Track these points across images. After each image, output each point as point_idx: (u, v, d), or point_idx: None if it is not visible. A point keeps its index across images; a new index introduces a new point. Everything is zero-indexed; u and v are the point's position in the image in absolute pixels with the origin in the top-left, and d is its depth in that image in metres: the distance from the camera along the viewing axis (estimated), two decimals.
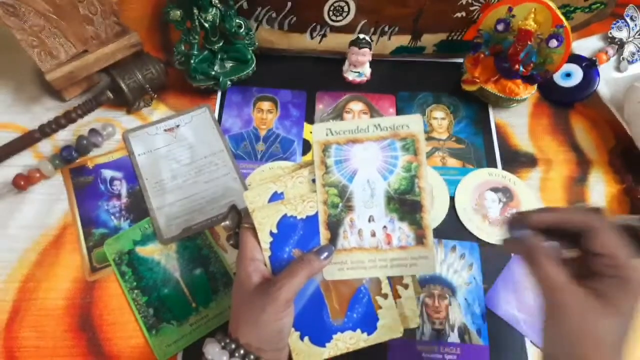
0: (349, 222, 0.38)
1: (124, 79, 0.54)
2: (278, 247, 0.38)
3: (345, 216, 0.38)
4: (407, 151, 0.38)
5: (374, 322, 0.39)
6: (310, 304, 0.38)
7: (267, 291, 0.34)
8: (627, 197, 0.55)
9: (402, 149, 0.38)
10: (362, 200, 0.38)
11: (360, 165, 0.39)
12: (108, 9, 0.54)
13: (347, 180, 0.38)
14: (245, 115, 0.59)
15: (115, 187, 0.53)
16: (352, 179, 0.38)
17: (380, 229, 0.38)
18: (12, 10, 0.48)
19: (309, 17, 0.58)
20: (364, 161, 0.39)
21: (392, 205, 0.38)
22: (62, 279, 0.48)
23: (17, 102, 0.58)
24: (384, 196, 0.38)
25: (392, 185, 0.38)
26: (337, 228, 0.38)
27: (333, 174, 0.38)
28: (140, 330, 0.46)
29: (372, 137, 0.39)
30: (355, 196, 0.38)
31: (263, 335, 0.34)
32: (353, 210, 0.38)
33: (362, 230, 0.38)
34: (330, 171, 0.38)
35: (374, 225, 0.38)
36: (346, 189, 0.38)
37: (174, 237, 0.50)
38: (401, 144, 0.39)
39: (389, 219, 0.38)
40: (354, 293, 0.39)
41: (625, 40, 0.63)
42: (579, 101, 0.61)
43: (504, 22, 0.54)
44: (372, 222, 0.38)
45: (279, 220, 0.38)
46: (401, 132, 0.39)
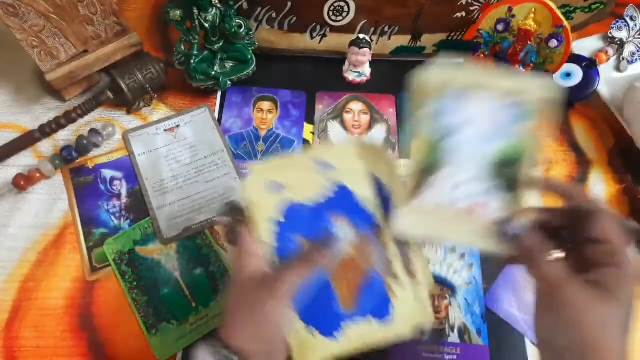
0: (443, 176, 0.34)
1: (124, 79, 0.55)
2: (285, 236, 0.36)
3: (439, 168, 0.34)
4: (526, 118, 0.34)
5: (387, 308, 0.35)
6: (317, 293, 0.35)
7: (267, 285, 0.33)
8: (627, 196, 0.55)
9: (523, 115, 0.34)
10: (465, 157, 0.34)
11: (472, 120, 0.34)
12: (108, 9, 0.54)
13: (451, 130, 0.34)
14: (246, 115, 0.59)
15: (115, 187, 0.53)
16: (459, 131, 0.34)
17: (477, 194, 0.34)
18: (13, 10, 0.48)
19: (309, 17, 0.58)
20: (478, 116, 0.34)
21: (497, 172, 0.34)
22: (62, 278, 0.48)
23: (18, 102, 0.58)
24: (490, 160, 0.34)
25: (503, 150, 0.34)
26: (426, 178, 0.34)
27: (438, 116, 0.34)
28: (140, 330, 0.46)
29: (496, 90, 0.34)
30: (459, 151, 0.34)
31: (262, 332, 0.33)
32: (451, 165, 0.34)
33: (456, 188, 0.34)
34: (436, 112, 0.34)
35: (470, 187, 0.34)
36: (450, 136, 0.34)
37: (174, 237, 0.50)
38: (522, 109, 0.34)
39: (490, 185, 0.34)
40: (364, 279, 0.36)
41: (625, 40, 0.63)
42: (579, 101, 0.61)
43: (504, 22, 0.54)
44: (470, 183, 0.34)
45: (285, 208, 0.36)
46: (529, 95, 0.34)
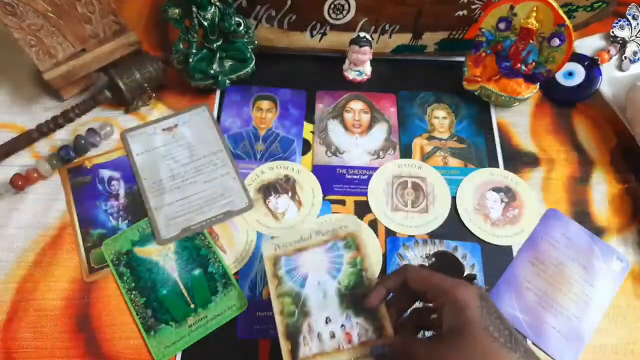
0: (307, 327, 0.39)
1: (122, 78, 0.54)
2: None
3: (302, 322, 0.39)
4: (349, 248, 0.41)
5: None
6: None
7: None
8: (629, 196, 0.55)
9: (345, 247, 0.41)
10: (316, 303, 0.40)
11: (310, 270, 0.41)
12: (106, 7, 0.54)
13: (299, 286, 0.40)
14: (245, 115, 0.59)
15: (113, 187, 0.53)
16: (304, 284, 0.40)
17: (339, 329, 0.39)
18: (11, 9, 0.48)
19: (308, 15, 0.58)
20: (313, 265, 0.41)
21: (345, 303, 0.40)
22: (60, 279, 0.47)
23: (15, 101, 0.58)
24: (336, 295, 0.40)
25: (342, 282, 0.40)
26: (296, 336, 0.39)
27: (285, 283, 0.40)
28: (138, 331, 0.45)
29: (315, 242, 0.42)
30: (309, 300, 0.40)
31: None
32: (309, 315, 0.39)
33: (321, 334, 0.39)
34: (283, 281, 0.40)
35: (331, 326, 0.39)
36: (300, 295, 0.40)
37: (172, 238, 0.50)
38: (343, 243, 0.42)
39: (345, 316, 0.39)
40: None
41: (627, 39, 0.62)
42: (581, 100, 0.61)
43: (506, 21, 0.54)
44: (330, 323, 0.39)
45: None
46: (340, 232, 0.42)
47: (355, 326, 0.39)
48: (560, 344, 0.46)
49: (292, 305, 0.39)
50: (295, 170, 0.55)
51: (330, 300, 0.40)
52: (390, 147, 0.57)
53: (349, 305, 0.39)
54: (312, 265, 0.41)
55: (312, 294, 0.40)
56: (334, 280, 0.40)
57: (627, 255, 0.51)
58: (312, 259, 0.41)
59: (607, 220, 0.53)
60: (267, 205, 0.52)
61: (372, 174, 0.55)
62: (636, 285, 0.50)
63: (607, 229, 0.53)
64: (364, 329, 0.39)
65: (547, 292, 0.48)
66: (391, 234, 0.51)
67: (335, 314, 0.39)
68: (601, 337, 0.47)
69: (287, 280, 0.40)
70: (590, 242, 0.51)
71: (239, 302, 0.47)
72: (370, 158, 0.56)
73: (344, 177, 0.55)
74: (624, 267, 0.50)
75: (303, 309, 0.39)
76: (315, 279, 0.40)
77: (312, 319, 0.39)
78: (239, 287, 0.48)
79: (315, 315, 0.39)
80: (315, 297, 0.40)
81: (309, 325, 0.39)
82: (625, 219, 0.53)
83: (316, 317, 0.39)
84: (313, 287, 0.40)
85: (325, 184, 0.54)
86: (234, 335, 0.46)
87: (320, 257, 0.41)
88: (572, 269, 0.50)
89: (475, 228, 0.52)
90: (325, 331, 0.39)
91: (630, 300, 0.49)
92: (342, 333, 0.39)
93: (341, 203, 0.53)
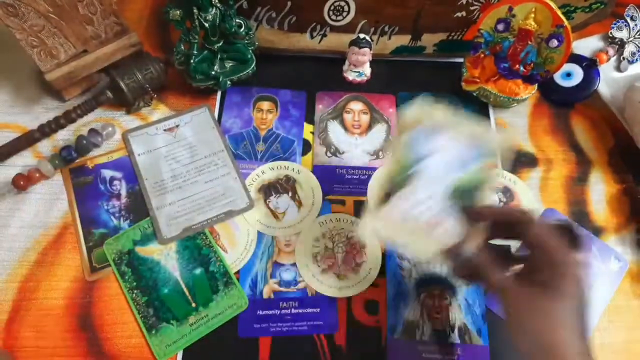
0: (409, 190, 0.38)
1: (124, 78, 0.54)
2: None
3: (408, 183, 0.38)
4: (485, 157, 0.39)
5: None
6: None
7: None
8: (627, 196, 0.55)
9: (482, 154, 0.39)
10: (430, 177, 0.38)
11: (440, 150, 0.39)
12: (108, 8, 0.54)
13: (421, 156, 0.39)
14: (245, 115, 0.59)
15: (115, 187, 0.53)
16: (427, 157, 0.39)
17: (433, 212, 0.38)
18: (12, 10, 0.48)
19: (309, 17, 0.58)
20: (446, 149, 0.39)
21: (454, 196, 0.38)
22: (62, 278, 0.48)
23: (17, 102, 0.58)
24: (449, 185, 0.38)
25: (464, 179, 0.39)
26: (395, 190, 0.38)
27: (412, 146, 0.39)
28: (140, 330, 0.46)
29: (460, 131, 0.40)
30: (424, 173, 0.38)
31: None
32: (415, 183, 0.38)
33: (416, 204, 0.38)
34: (409, 143, 0.39)
35: (428, 204, 0.38)
36: (417, 162, 0.39)
37: (173, 237, 0.50)
38: (482, 150, 0.39)
39: (446, 206, 0.38)
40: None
41: (625, 40, 0.63)
42: (579, 101, 0.61)
43: (504, 22, 0.54)
44: (429, 201, 0.38)
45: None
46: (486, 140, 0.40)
47: (449, 219, 0.38)
48: None
49: (407, 164, 0.39)
50: (295, 170, 0.55)
51: (443, 184, 0.38)
52: (390, 147, 0.57)
53: (456, 200, 0.38)
54: (445, 149, 0.39)
55: (431, 169, 0.38)
56: (457, 171, 0.39)
57: (625, 254, 0.51)
58: (448, 144, 0.39)
59: (605, 220, 0.54)
60: (267, 205, 0.53)
61: (371, 174, 0.55)
62: (634, 285, 0.50)
63: (605, 228, 0.53)
64: (455, 227, 0.38)
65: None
66: None
67: (438, 197, 0.38)
68: (599, 336, 0.47)
69: (415, 145, 0.39)
70: (588, 241, 0.52)
71: (239, 301, 0.47)
72: (369, 158, 0.57)
73: (343, 177, 0.55)
74: (622, 267, 0.50)
75: (413, 174, 0.38)
76: (441, 159, 0.39)
77: (416, 188, 0.38)
78: (240, 286, 0.48)
79: (421, 186, 0.38)
80: (431, 173, 0.38)
81: (410, 190, 0.38)
82: (623, 218, 0.54)
83: (421, 189, 0.38)
84: (435, 164, 0.39)
85: (325, 184, 0.54)
86: (235, 334, 0.46)
87: (458, 147, 0.39)
88: None
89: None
90: (421, 204, 0.38)
91: (628, 299, 0.49)
92: (433, 216, 0.38)
93: (341, 203, 0.53)
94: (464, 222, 0.38)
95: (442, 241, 0.38)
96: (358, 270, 0.49)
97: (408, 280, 0.49)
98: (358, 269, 0.49)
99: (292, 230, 0.51)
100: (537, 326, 0.32)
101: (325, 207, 0.53)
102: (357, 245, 0.51)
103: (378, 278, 0.49)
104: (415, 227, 0.38)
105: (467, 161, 0.39)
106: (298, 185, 0.54)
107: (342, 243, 0.51)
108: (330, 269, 0.49)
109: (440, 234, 0.38)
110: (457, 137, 0.40)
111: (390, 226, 0.39)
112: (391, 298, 0.48)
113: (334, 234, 0.51)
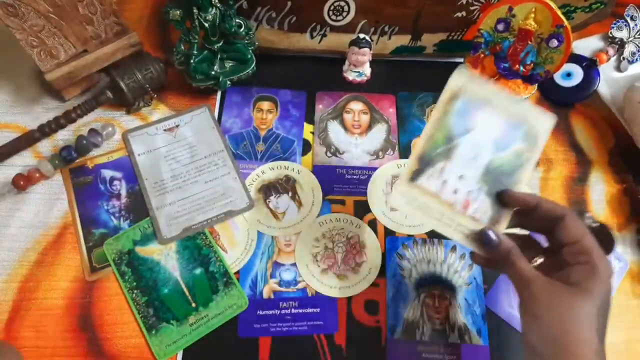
0: (441, 167, 0.39)
1: (124, 78, 0.54)
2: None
3: (440, 160, 0.39)
4: (526, 141, 0.39)
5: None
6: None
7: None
8: (627, 197, 0.55)
9: (523, 137, 0.39)
10: (463, 156, 0.39)
11: (479, 127, 0.39)
12: (108, 8, 0.54)
13: (459, 131, 0.39)
14: (245, 115, 0.59)
15: (115, 187, 0.53)
16: (465, 134, 0.39)
17: (465, 191, 0.38)
18: (12, 10, 0.48)
19: (309, 17, 0.58)
20: (486, 125, 0.39)
21: (488, 177, 0.38)
22: (61, 278, 0.48)
23: (17, 102, 0.58)
24: (484, 165, 0.39)
25: (497, 160, 0.39)
26: (426, 166, 0.39)
27: (450, 119, 0.39)
28: (140, 330, 0.46)
29: (503, 110, 0.39)
30: (459, 148, 0.39)
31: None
32: (450, 160, 0.39)
33: (447, 182, 0.38)
34: (448, 115, 0.39)
35: (461, 184, 0.38)
36: (454, 138, 0.39)
37: (173, 237, 0.50)
38: (524, 133, 0.39)
39: (478, 187, 0.38)
40: None
41: (625, 40, 0.63)
42: (579, 101, 0.61)
43: (504, 22, 0.54)
44: (461, 180, 0.38)
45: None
46: (532, 123, 0.39)
47: (479, 200, 0.38)
48: None
49: (443, 139, 0.39)
50: (295, 170, 0.55)
51: (477, 164, 0.38)
52: (390, 148, 0.57)
53: (489, 182, 0.38)
54: (485, 125, 0.39)
55: (466, 147, 0.39)
56: (494, 152, 0.39)
57: (625, 254, 0.51)
58: (489, 120, 0.39)
59: (605, 220, 0.54)
60: (267, 205, 0.53)
61: (371, 174, 0.55)
62: (634, 284, 0.50)
63: None
64: (484, 209, 0.38)
65: None
66: (390, 233, 0.52)
67: (471, 178, 0.38)
68: None
69: (453, 118, 0.39)
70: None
71: (239, 301, 0.47)
72: (369, 158, 0.57)
73: (343, 177, 0.55)
74: (622, 267, 0.50)
75: (449, 151, 0.39)
76: (478, 137, 0.39)
77: (449, 165, 0.39)
78: (239, 286, 0.48)
79: (454, 164, 0.39)
80: (466, 151, 0.39)
81: (443, 167, 0.39)
82: (624, 218, 0.54)
83: (454, 167, 0.39)
84: (472, 142, 0.39)
85: (325, 184, 0.54)
86: (235, 334, 0.46)
87: (498, 124, 0.39)
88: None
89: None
90: (452, 183, 0.38)
91: (628, 299, 0.49)
92: (464, 196, 0.38)
93: (341, 203, 0.53)
94: (495, 204, 0.38)
95: (472, 221, 0.38)
96: (358, 270, 0.49)
97: (408, 280, 0.49)
98: (358, 269, 0.49)
99: (292, 230, 0.51)
100: (558, 321, 0.32)
101: (325, 207, 0.53)
102: (357, 245, 0.51)
103: (378, 278, 0.49)
104: (448, 202, 0.38)
105: (506, 142, 0.39)
106: (298, 185, 0.54)
107: (342, 243, 0.51)
108: (330, 269, 0.49)
109: (471, 212, 0.38)
110: (499, 116, 0.39)
111: (424, 197, 0.39)
112: (391, 298, 0.48)
113: (334, 234, 0.51)
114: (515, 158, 0.39)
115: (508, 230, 0.39)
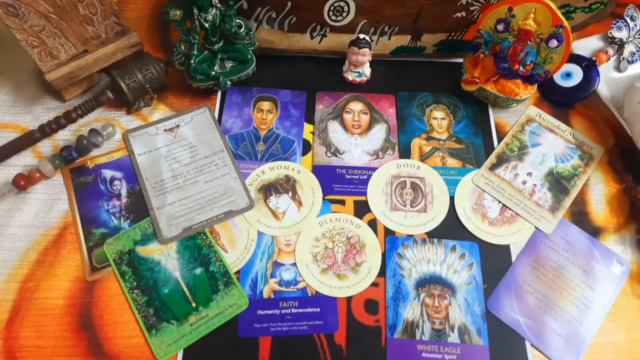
0: (514, 164, 0.55)
1: (124, 79, 0.55)
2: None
3: (513, 160, 0.56)
4: (581, 159, 0.56)
5: None
6: None
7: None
8: (627, 197, 0.55)
9: (578, 157, 0.56)
10: (532, 160, 0.56)
11: (545, 144, 0.57)
12: (108, 9, 0.54)
13: (531, 145, 0.57)
14: (246, 115, 0.59)
15: (115, 187, 0.53)
16: (535, 146, 0.57)
17: (531, 184, 0.54)
18: (13, 10, 0.48)
19: (309, 17, 0.58)
20: (549, 143, 0.57)
21: (549, 177, 0.55)
22: (62, 278, 0.48)
23: (18, 102, 0.58)
24: (547, 168, 0.55)
25: (558, 168, 0.55)
26: (503, 161, 0.55)
27: (525, 134, 0.58)
28: (140, 330, 0.46)
29: (564, 136, 0.58)
30: (529, 155, 0.56)
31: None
32: (522, 161, 0.55)
33: (518, 175, 0.54)
34: (525, 132, 0.58)
35: (529, 178, 0.54)
36: (526, 148, 0.56)
37: (174, 237, 0.50)
38: (579, 153, 0.56)
39: (542, 182, 0.54)
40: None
41: (625, 40, 0.63)
42: (579, 101, 0.61)
43: (504, 22, 0.54)
44: (529, 176, 0.54)
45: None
46: (585, 148, 0.57)
47: (542, 192, 0.53)
48: (562, 347, 0.46)
49: (517, 146, 0.56)
50: (295, 170, 0.55)
51: (542, 167, 0.55)
52: (390, 148, 0.58)
53: (549, 180, 0.54)
54: (549, 143, 0.57)
55: (533, 155, 0.56)
56: (554, 162, 0.55)
57: (625, 254, 0.51)
58: (553, 141, 0.57)
59: (605, 220, 0.54)
60: (267, 205, 0.53)
61: (371, 174, 0.55)
62: (634, 285, 0.50)
63: (605, 228, 0.53)
64: (546, 199, 0.53)
65: (548, 296, 0.49)
66: (390, 233, 0.52)
67: (537, 175, 0.54)
68: (600, 336, 0.47)
69: (527, 134, 0.57)
70: (590, 245, 0.51)
71: (240, 300, 0.47)
72: (369, 158, 0.57)
73: (343, 177, 0.55)
74: (625, 271, 0.50)
75: (522, 155, 0.56)
76: (544, 150, 0.56)
77: (521, 164, 0.55)
78: (240, 286, 0.48)
79: (525, 164, 0.55)
80: (534, 157, 0.56)
81: (516, 165, 0.55)
82: (623, 218, 0.54)
83: (525, 166, 0.55)
84: (538, 152, 0.56)
85: (325, 184, 0.54)
86: (235, 334, 0.46)
87: (559, 145, 0.57)
88: (572, 272, 0.50)
89: (473, 227, 0.52)
90: (522, 177, 0.54)
91: (628, 299, 0.49)
92: (531, 187, 0.54)
93: (341, 203, 0.54)
94: (554, 197, 0.53)
95: (536, 205, 0.52)
96: (358, 270, 0.50)
97: (408, 280, 0.49)
98: (358, 269, 0.50)
99: (292, 230, 0.52)
100: None
101: (325, 207, 0.53)
102: (357, 245, 0.51)
103: (378, 278, 0.49)
104: (518, 189, 0.53)
105: (565, 157, 0.56)
106: (298, 185, 0.54)
107: (342, 243, 0.51)
108: (330, 268, 0.49)
109: (535, 199, 0.53)
110: (561, 138, 0.57)
111: (500, 182, 0.54)
112: (391, 298, 0.48)
113: (334, 234, 0.51)
114: (573, 169, 0.55)
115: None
